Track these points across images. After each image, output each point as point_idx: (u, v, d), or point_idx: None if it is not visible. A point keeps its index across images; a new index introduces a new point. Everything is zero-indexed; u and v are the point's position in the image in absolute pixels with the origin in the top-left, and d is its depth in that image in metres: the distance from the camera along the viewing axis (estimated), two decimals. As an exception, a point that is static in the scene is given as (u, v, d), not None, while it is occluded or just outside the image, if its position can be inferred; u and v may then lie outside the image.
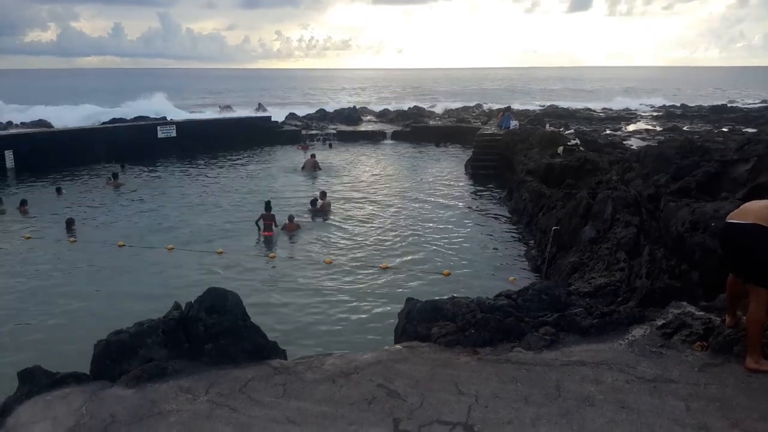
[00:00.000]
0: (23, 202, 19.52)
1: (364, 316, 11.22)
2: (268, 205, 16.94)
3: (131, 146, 29.99)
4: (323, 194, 19.61)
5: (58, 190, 22.34)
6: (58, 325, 10.83)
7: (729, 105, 56.46)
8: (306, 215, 18.44)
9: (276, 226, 16.70)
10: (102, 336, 5.61)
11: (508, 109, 36.72)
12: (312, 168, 26.73)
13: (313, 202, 19.00)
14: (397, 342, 6.18)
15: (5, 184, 24.34)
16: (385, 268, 13.53)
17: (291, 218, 17.06)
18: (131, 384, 5.03)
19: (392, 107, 52.77)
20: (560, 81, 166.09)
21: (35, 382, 5.12)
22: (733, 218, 5.25)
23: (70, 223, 17.09)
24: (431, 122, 41.64)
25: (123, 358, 5.37)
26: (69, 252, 15.22)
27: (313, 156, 27.73)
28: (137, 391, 4.93)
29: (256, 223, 16.83)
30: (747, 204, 5.36)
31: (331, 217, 18.56)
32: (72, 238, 16.10)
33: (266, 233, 16.44)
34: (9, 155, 26.89)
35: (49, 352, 9.43)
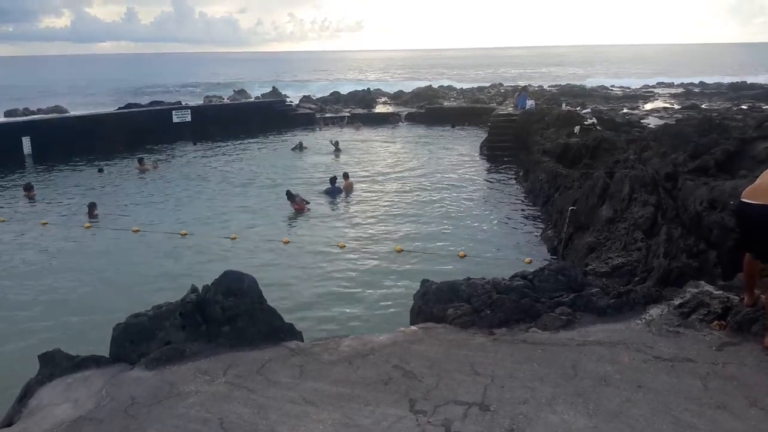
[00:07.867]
0: (30, 187, 19.69)
1: (379, 298, 11.23)
2: (289, 194, 17.38)
3: (146, 131, 30.18)
4: (346, 175, 19.76)
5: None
6: (78, 309, 10.95)
7: (748, 82, 55.39)
8: (322, 196, 18.58)
9: (308, 203, 17.50)
10: (121, 319, 5.67)
11: (525, 89, 36.36)
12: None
13: (332, 180, 19.11)
14: (412, 323, 6.18)
15: (23, 170, 24.55)
16: (400, 251, 13.52)
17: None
18: (150, 366, 5.09)
19: (406, 89, 52.35)
20: (578, 60, 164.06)
21: (56, 365, 5.20)
22: (746, 197, 5.11)
23: (92, 207, 17.09)
24: (446, 103, 41.32)
25: (142, 340, 5.42)
26: (87, 236, 15.36)
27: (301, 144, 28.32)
28: (156, 374, 4.99)
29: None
30: (761, 179, 5.16)
31: (346, 200, 18.63)
32: (87, 224, 16.18)
33: (298, 208, 17.13)
34: (26, 141, 27.13)
35: (68, 335, 9.56)
